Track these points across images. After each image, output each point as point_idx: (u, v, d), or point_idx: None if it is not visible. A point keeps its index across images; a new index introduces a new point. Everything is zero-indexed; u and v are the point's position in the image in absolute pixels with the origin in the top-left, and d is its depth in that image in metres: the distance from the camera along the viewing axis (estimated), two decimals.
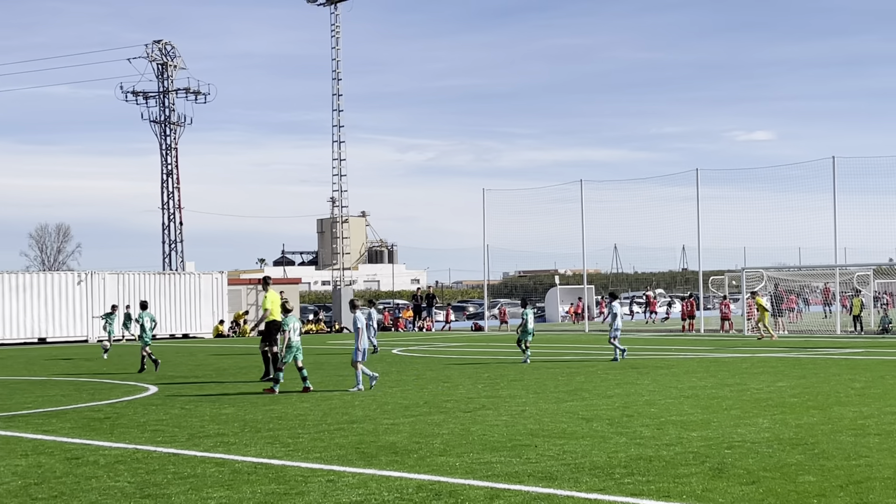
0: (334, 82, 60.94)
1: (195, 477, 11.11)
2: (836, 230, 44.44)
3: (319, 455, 12.43)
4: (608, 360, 28.16)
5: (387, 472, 11.15)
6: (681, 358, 27.56)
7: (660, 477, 10.62)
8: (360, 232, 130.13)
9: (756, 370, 24.19)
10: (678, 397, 18.37)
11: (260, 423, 15.74)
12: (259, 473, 11.25)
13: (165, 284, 52.59)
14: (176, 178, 70.41)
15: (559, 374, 23.77)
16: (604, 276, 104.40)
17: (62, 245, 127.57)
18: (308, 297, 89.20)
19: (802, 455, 11.80)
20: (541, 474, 10.89)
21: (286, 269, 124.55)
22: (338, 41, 60.80)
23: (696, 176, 48.42)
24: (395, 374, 25.12)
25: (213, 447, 13.26)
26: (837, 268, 47.42)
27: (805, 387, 19.91)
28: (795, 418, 15.12)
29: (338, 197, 61.97)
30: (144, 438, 14.19)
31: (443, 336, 48.15)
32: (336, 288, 60.97)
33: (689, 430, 13.99)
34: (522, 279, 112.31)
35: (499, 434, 13.98)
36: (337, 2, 60.54)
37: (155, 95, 70.21)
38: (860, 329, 44.11)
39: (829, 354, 29.77)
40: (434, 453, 12.43)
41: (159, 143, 70.36)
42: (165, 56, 70.00)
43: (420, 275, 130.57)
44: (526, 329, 28.46)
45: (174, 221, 70.55)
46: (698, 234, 48.55)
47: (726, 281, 51.38)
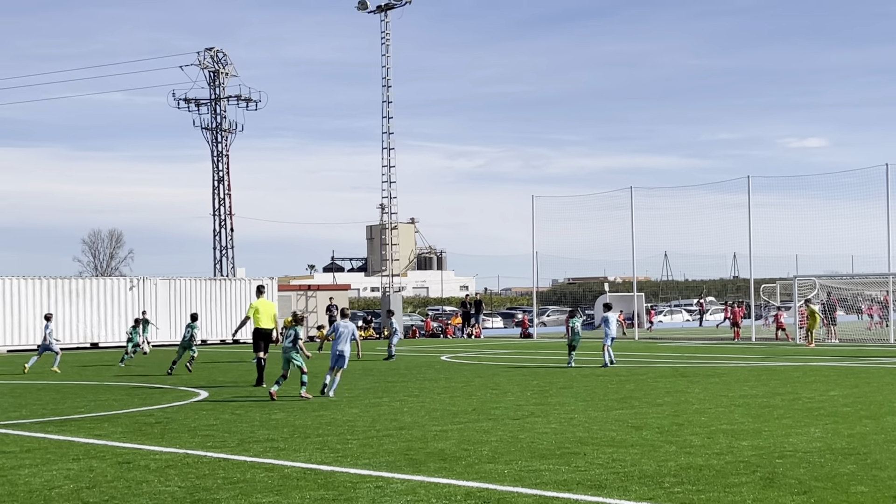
0: (384, 89, 61.10)
1: (245, 482, 11.18)
2: (889, 238, 43.92)
3: (368, 461, 12.45)
4: (656, 368, 27.99)
5: (435, 479, 11.15)
6: (732, 366, 27.33)
7: (710, 486, 10.54)
8: (410, 238, 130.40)
9: (808, 379, 23.95)
10: (729, 406, 18.23)
11: (309, 428, 15.80)
12: (308, 479, 11.29)
13: (216, 290, 52.95)
14: (227, 184, 70.91)
15: (609, 382, 23.66)
16: (654, 284, 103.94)
17: (115, 251, 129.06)
18: (357, 304, 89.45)
19: (855, 465, 11.66)
20: (590, 482, 10.85)
21: (336, 275, 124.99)
22: (388, 48, 60.99)
23: (748, 183, 48.03)
24: (444, 380, 25.12)
25: (263, 452, 13.33)
26: (891, 276, 46.80)
27: (858, 396, 19.68)
28: (848, 428, 14.95)
29: (387, 204, 62.08)
30: (195, 443, 14.29)
31: (491, 343, 48.07)
32: (385, 294, 61.09)
33: (740, 439, 13.87)
34: (571, 286, 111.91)
35: (547, 442, 13.94)
36: (387, 9, 60.72)
37: (206, 102, 70.78)
38: None
39: (882, 364, 29.40)
40: (482, 460, 12.41)
41: (211, 149, 70.92)
42: (217, 63, 70.57)
43: (469, 281, 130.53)
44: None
45: (225, 228, 71.05)
46: (749, 241, 48.16)
47: (778, 289, 50.91)
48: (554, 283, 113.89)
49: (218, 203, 71.05)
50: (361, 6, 60.79)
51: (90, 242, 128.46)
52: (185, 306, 50.98)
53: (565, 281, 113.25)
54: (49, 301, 47.33)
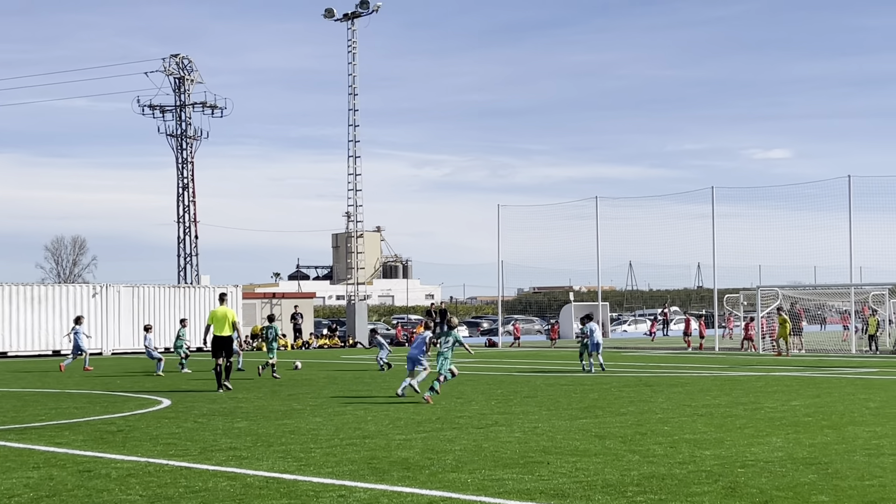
0: (350, 97, 61.08)
1: (207, 491, 11.11)
2: (851, 249, 44.33)
3: (331, 470, 12.41)
4: (620, 377, 28.08)
5: (398, 488, 11.12)
6: (695, 376, 27.45)
7: (672, 496, 10.58)
8: (375, 247, 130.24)
9: (770, 389, 24.10)
10: (692, 415, 18.31)
11: (272, 437, 15.74)
12: (271, 488, 11.24)
13: (180, 298, 52.68)
14: (192, 191, 70.60)
15: (572, 392, 23.71)
16: (619, 293, 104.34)
17: (78, 258, 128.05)
18: (322, 312, 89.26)
19: (816, 475, 11.74)
20: (553, 492, 10.86)
21: (301, 283, 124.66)
22: (354, 56, 60.97)
23: (712, 193, 48.36)
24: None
25: (226, 461, 13.26)
26: (853, 287, 47.23)
27: (819, 406, 19.82)
28: (809, 437, 15.05)
29: (353, 212, 62.04)
30: (157, 452, 14.20)
31: (455, 352, 48.02)
32: (350, 303, 60.99)
33: (703, 449, 13.93)
34: (537, 295, 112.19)
35: (511, 451, 13.95)
36: (353, 17, 60.71)
37: (171, 109, 70.46)
38: (875, 349, 43.92)
39: (844, 374, 29.64)
40: (446, 469, 12.40)
41: (175, 156, 70.60)
42: (182, 70, 70.27)
43: (434, 290, 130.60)
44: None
45: (189, 235, 70.71)
46: (713, 251, 48.47)
47: (741, 299, 51.24)
48: (519, 292, 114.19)
49: (182, 210, 70.71)
50: (328, 14, 60.78)
51: (53, 249, 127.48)
52: (148, 314, 50.69)
53: (531, 290, 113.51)
54: (11, 308, 46.94)
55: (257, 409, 20.37)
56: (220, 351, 24.89)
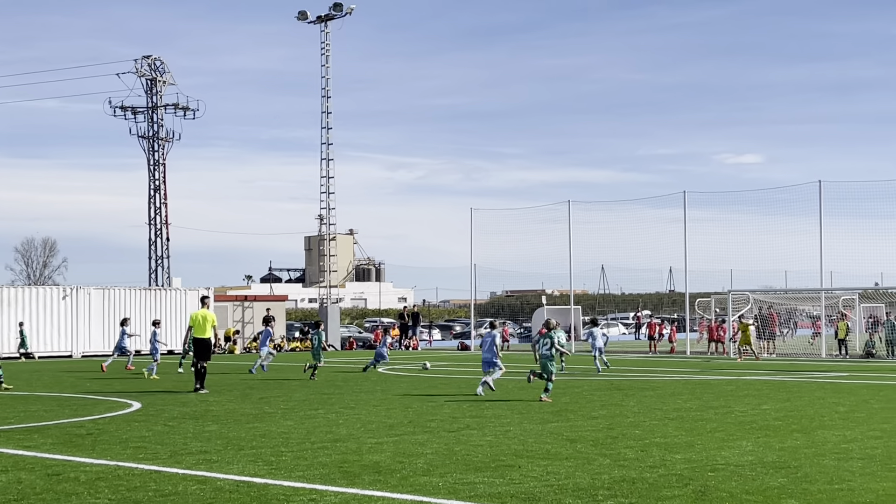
0: (323, 100, 61.00)
1: (176, 495, 11.05)
2: (822, 254, 44.61)
3: (302, 474, 12.38)
4: (592, 381, 28.14)
5: (369, 492, 11.10)
6: (666, 380, 27.54)
7: (643, 499, 10.60)
8: (348, 250, 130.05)
9: (741, 393, 24.20)
10: (663, 419, 18.36)
11: (243, 440, 15.68)
12: (241, 492, 11.19)
13: (151, 300, 52.43)
14: (163, 193, 70.25)
15: None
16: (591, 297, 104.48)
17: (48, 259, 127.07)
18: (294, 315, 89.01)
19: (785, 478, 11.79)
20: (524, 495, 10.86)
21: (273, 286, 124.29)
22: (327, 59, 60.88)
23: (684, 198, 48.57)
24: (380, 392, 25.05)
25: (196, 465, 13.20)
26: (823, 291, 47.51)
27: (789, 410, 19.92)
28: (779, 441, 15.13)
29: (326, 214, 61.92)
30: (126, 455, 14.11)
31: (428, 355, 48.02)
32: (322, 305, 60.85)
33: (673, 453, 13.98)
34: (510, 299, 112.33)
35: (483, 454, 13.95)
36: (327, 20, 60.62)
37: (143, 111, 70.10)
38: (845, 353, 44.19)
39: (814, 378, 29.81)
40: (417, 473, 12.39)
41: (147, 158, 70.19)
42: (154, 71, 69.92)
43: (407, 293, 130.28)
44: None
45: (161, 237, 70.36)
46: (685, 256, 48.67)
47: (712, 303, 51.46)
48: (492, 296, 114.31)
49: (154, 212, 70.35)
50: (301, 16, 60.69)
51: (23, 251, 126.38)
52: (118, 316, 50.41)
53: (503, 293, 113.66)
54: None
55: (228, 412, 20.29)
56: (200, 352, 25.76)
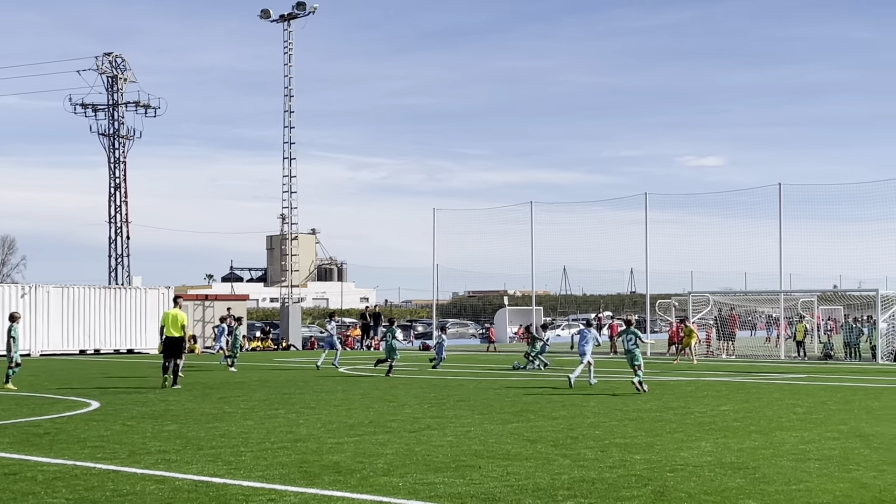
0: (286, 99, 60.82)
1: (134, 494, 10.98)
2: (781, 256, 44.97)
3: (261, 474, 12.33)
4: (554, 381, 28.22)
5: (329, 492, 11.08)
6: (626, 380, 27.56)
7: (602, 499, 10.64)
8: (310, 249, 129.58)
9: (700, 394, 24.35)
10: (622, 420, 18.44)
11: (202, 440, 15.60)
12: (199, 492, 11.13)
13: (111, 299, 52.03)
14: (124, 191, 69.81)
15: (505, 396, 23.78)
16: (553, 298, 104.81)
17: (7, 257, 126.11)
18: (256, 314, 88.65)
19: (743, 479, 11.87)
20: (484, 495, 10.87)
21: (234, 285, 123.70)
22: (290, 58, 60.68)
23: (646, 200, 48.85)
24: (341, 392, 25.00)
25: (154, 464, 13.12)
26: (782, 293, 47.90)
27: (748, 411, 20.06)
28: (738, 442, 15.23)
29: (288, 214, 61.74)
30: (84, 455, 14.01)
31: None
32: (284, 305, 60.67)
33: (633, 453, 14.04)
34: (472, 299, 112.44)
35: (443, 454, 13.95)
36: (290, 19, 60.42)
37: (104, 108, 69.64)
38: (804, 355, 44.55)
39: (773, 379, 30.03)
40: (377, 473, 12.37)
41: (108, 156, 69.75)
42: (116, 69, 69.46)
43: (369, 293, 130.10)
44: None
45: (121, 235, 69.91)
46: (646, 257, 48.98)
47: (672, 304, 51.74)
48: (454, 296, 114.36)
49: (114, 210, 69.89)
50: (264, 15, 60.45)
51: None
52: (78, 315, 50.03)
53: (465, 294, 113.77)
54: None
55: (187, 412, 20.18)
56: (170, 350, 26.58)
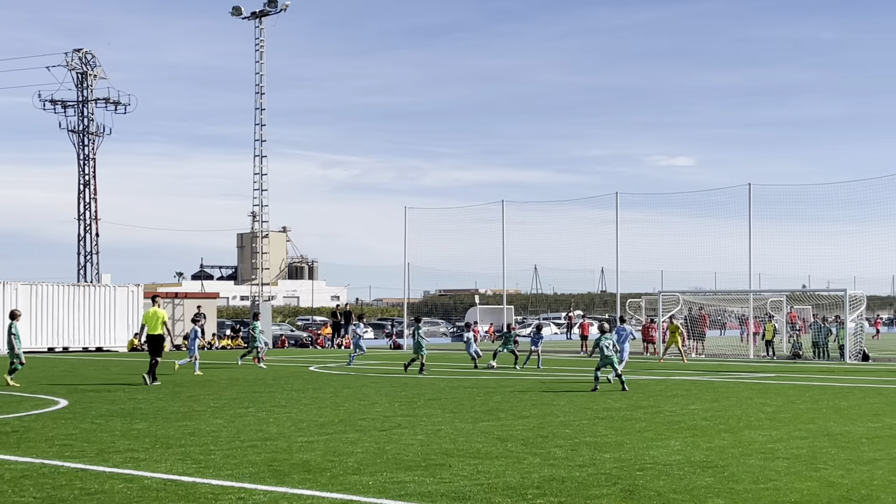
0: (257, 96, 60.65)
1: (103, 493, 10.92)
2: (751, 256, 45.20)
3: (231, 472, 12.28)
4: (523, 380, 28.27)
5: (299, 491, 11.05)
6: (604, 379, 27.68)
7: (572, 498, 10.66)
8: (281, 247, 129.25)
9: (670, 393, 24.44)
10: (592, 418, 18.49)
11: (172, 439, 15.52)
12: (168, 490, 11.08)
13: (80, 296, 51.73)
14: (93, 188, 69.40)
15: (476, 394, 23.79)
16: (524, 297, 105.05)
17: None
18: (226, 313, 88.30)
19: (712, 478, 11.93)
20: (454, 494, 10.87)
21: (204, 283, 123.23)
22: (262, 55, 60.54)
23: (616, 199, 48.98)
24: (312, 391, 24.95)
25: (123, 463, 13.05)
26: (752, 293, 48.14)
27: (717, 410, 20.15)
28: (707, 441, 15.29)
29: (259, 212, 61.56)
30: (52, 453, 13.91)
31: (360, 354, 47.91)
32: (255, 303, 60.47)
33: (602, 452, 14.08)
34: (443, 298, 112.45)
35: (413, 453, 13.94)
36: (261, 16, 60.25)
37: (73, 105, 69.22)
38: (773, 354, 44.80)
39: (742, 378, 30.19)
40: (347, 472, 12.35)
41: (77, 152, 69.37)
42: (85, 65, 69.07)
43: (340, 291, 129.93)
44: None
45: (90, 233, 69.50)
46: (617, 256, 49.10)
47: (643, 303, 51.92)
48: (426, 295, 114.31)
49: (83, 207, 69.49)
50: (236, 12, 60.27)
51: None
52: (46, 312, 49.70)
53: (437, 292, 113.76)
54: None
55: (157, 410, 20.09)
56: (152, 348, 27.35)
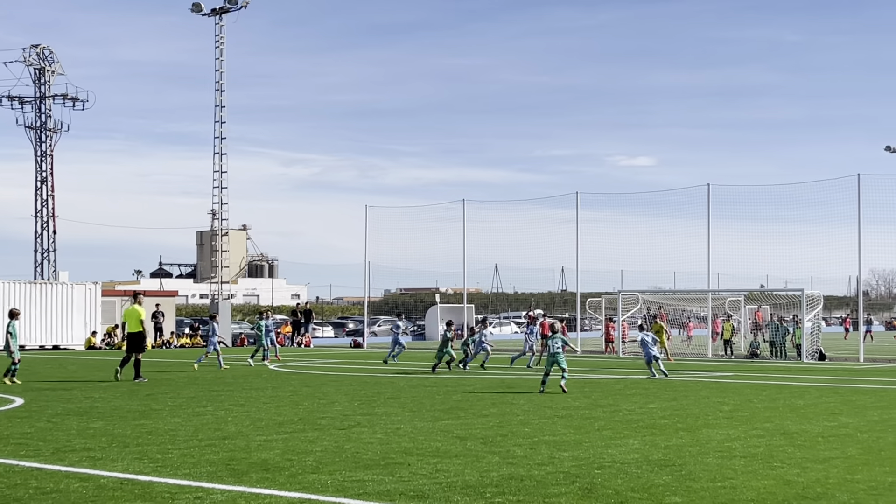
0: (217, 93, 60.33)
1: (58, 492, 10.82)
2: (709, 256, 45.49)
3: (188, 471, 12.21)
4: (484, 379, 28.31)
5: (257, 490, 11.00)
6: (556, 378, 27.78)
7: (530, 496, 10.68)
8: (241, 245, 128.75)
9: (629, 391, 24.55)
10: (552, 417, 18.53)
11: (129, 437, 15.41)
12: (125, 489, 11.00)
13: (36, 294, 51.25)
14: (51, 185, 68.77)
15: (436, 393, 23.79)
16: (484, 296, 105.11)
17: None
18: (185, 311, 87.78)
19: (670, 476, 11.99)
20: (412, 493, 10.86)
21: (163, 281, 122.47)
22: (222, 52, 60.22)
23: (577, 199, 49.10)
24: (271, 390, 24.85)
25: (79, 462, 12.94)
26: (710, 293, 48.45)
27: (675, 409, 20.26)
28: (665, 440, 15.37)
29: (218, 209, 61.23)
30: (7, 452, 13.77)
31: (321, 352, 47.87)
32: (214, 301, 60.17)
33: (561, 450, 14.11)
34: (404, 297, 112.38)
35: (372, 452, 13.92)
36: (222, 12, 59.94)
37: (31, 101, 68.56)
38: (731, 353, 45.11)
39: (700, 378, 30.37)
40: (306, 471, 12.31)
41: (34, 149, 68.69)
42: (43, 61, 68.42)
43: (301, 290, 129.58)
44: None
45: (47, 230, 68.86)
46: (577, 256, 49.21)
47: (603, 303, 52.14)
48: (386, 293, 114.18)
49: (40, 204, 68.84)
50: (196, 8, 59.91)
51: None
52: (1, 310, 49.20)
53: (397, 291, 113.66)
54: None
55: (114, 408, 19.94)
56: (131, 345, 27.79)
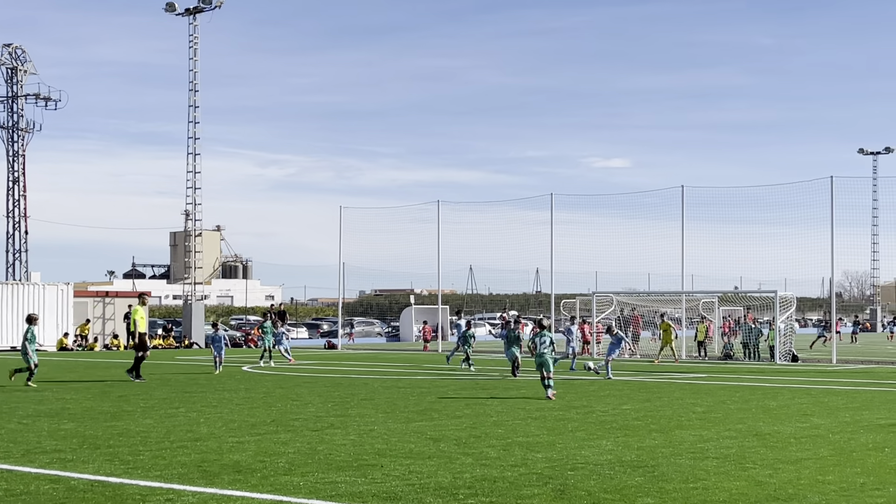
0: (191, 93, 60.07)
1: (28, 494, 10.73)
2: (683, 257, 45.65)
3: (160, 473, 12.13)
4: (458, 380, 28.29)
5: (228, 492, 10.94)
6: (531, 380, 27.80)
7: (503, 498, 10.67)
8: (215, 246, 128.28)
9: (602, 393, 24.58)
10: (525, 418, 18.54)
11: (100, 439, 15.31)
12: (95, 491, 10.92)
13: (7, 295, 50.91)
14: (23, 185, 68.32)
15: (410, 395, 23.76)
16: (459, 297, 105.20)
17: None
18: (158, 312, 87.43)
19: (643, 477, 12.00)
20: (385, 494, 10.83)
21: (136, 282, 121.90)
22: (196, 52, 59.94)
23: (551, 200, 49.17)
24: (244, 391, 24.75)
25: (49, 464, 12.84)
26: (684, 294, 48.60)
27: (649, 410, 20.30)
28: (638, 441, 15.39)
29: (192, 210, 60.96)
30: None
31: (295, 353, 47.68)
32: (187, 302, 59.93)
33: (535, 452, 14.11)
34: (378, 298, 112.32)
35: (345, 453, 13.88)
36: (196, 12, 59.63)
37: (3, 100, 68.08)
38: (704, 355, 45.24)
39: (674, 379, 30.45)
40: (278, 472, 12.26)
41: (6, 149, 68.22)
42: (15, 60, 67.95)
43: (275, 291, 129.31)
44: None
45: (20, 230, 68.40)
46: (552, 257, 49.27)
47: (577, 304, 52.21)
48: (361, 295, 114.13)
49: (12, 205, 68.38)
50: (169, 8, 59.59)
51: None
52: None
53: (372, 292, 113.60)
54: None
55: (85, 410, 19.81)
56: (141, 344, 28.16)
